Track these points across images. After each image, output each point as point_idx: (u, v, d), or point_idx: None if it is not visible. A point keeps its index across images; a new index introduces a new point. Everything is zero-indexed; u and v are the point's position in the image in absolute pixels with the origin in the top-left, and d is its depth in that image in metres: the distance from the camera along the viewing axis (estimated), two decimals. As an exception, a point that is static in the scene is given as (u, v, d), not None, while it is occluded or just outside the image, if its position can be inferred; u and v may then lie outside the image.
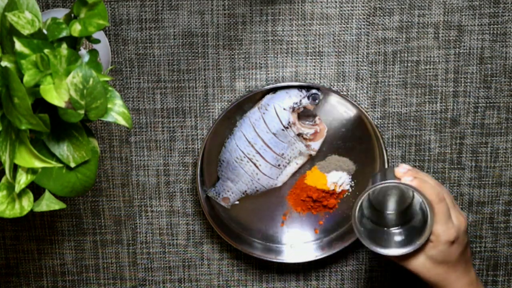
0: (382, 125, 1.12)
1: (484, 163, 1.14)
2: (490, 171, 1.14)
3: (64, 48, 0.76)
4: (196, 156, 1.13)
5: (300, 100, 1.07)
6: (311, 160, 1.12)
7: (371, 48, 1.09)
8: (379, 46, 1.09)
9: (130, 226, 1.16)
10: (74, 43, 0.79)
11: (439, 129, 1.12)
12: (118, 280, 1.19)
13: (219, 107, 1.11)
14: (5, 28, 0.76)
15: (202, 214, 1.15)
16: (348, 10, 1.08)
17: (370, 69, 1.10)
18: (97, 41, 0.83)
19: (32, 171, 0.80)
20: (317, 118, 1.10)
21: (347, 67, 1.10)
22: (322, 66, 1.10)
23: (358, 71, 1.10)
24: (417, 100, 1.11)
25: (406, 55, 1.10)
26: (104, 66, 1.05)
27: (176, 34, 1.09)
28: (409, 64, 1.10)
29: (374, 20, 1.08)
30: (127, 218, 1.16)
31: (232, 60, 1.10)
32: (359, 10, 1.08)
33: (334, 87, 1.11)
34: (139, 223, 1.16)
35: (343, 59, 1.10)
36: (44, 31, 0.77)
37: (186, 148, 1.13)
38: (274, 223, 1.15)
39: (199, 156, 1.08)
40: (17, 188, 0.79)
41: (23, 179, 0.79)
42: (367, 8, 1.08)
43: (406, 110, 1.12)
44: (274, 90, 1.08)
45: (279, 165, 1.11)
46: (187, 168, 1.14)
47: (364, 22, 1.08)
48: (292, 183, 1.13)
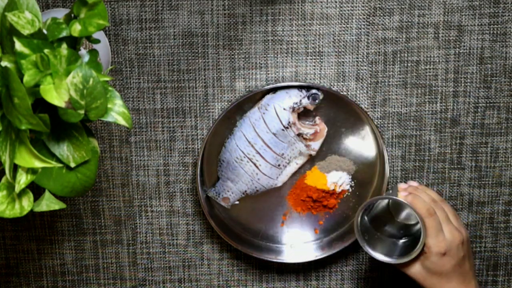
0: (382, 125, 1.12)
1: (484, 163, 1.14)
2: (490, 171, 1.14)
3: (64, 48, 0.76)
4: (196, 156, 1.13)
5: (300, 100, 1.07)
6: (311, 160, 1.12)
7: (371, 48, 1.09)
8: (379, 46, 1.09)
9: (130, 226, 1.16)
10: (74, 43, 0.79)
11: (439, 129, 1.12)
12: (118, 280, 1.19)
13: (219, 107, 1.11)
14: (5, 28, 0.76)
15: (202, 214, 1.15)
16: (348, 10, 1.08)
17: (370, 69, 1.10)
18: (97, 41, 0.83)
19: (32, 171, 0.80)
20: (317, 118, 1.10)
21: (347, 67, 1.10)
22: (322, 66, 1.10)
23: (358, 71, 1.10)
24: (417, 100, 1.11)
25: (406, 55, 1.10)
26: (104, 66, 1.05)
27: (176, 34, 1.09)
28: (409, 64, 1.10)
29: (374, 20, 1.08)
30: (127, 218, 1.16)
31: (232, 60, 1.10)
32: (359, 10, 1.08)
33: (334, 87, 1.11)
34: (139, 223, 1.16)
35: (343, 59, 1.10)
36: (44, 31, 0.77)
37: (186, 148, 1.13)
38: (274, 223, 1.15)
39: (199, 156, 1.08)
40: (17, 188, 0.79)
41: (23, 179, 0.79)
42: (367, 8, 1.08)
43: (406, 110, 1.12)
44: (274, 90, 1.08)
45: (279, 165, 1.11)
46: (187, 168, 1.14)
47: (364, 22, 1.08)
48: (292, 183, 1.13)
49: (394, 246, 1.07)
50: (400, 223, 1.10)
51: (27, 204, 0.81)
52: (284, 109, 1.07)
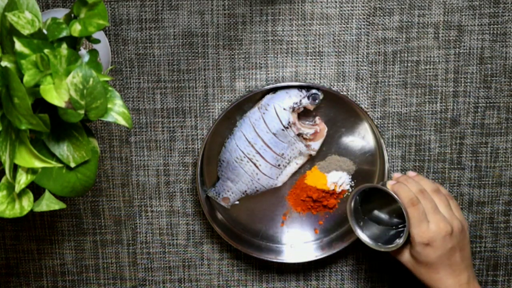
0: (382, 125, 1.12)
1: (484, 163, 1.14)
2: (490, 171, 1.14)
3: (64, 48, 0.76)
4: (196, 156, 1.13)
5: (300, 100, 1.07)
6: (311, 160, 1.12)
7: (371, 48, 1.09)
8: (379, 46, 1.09)
9: (130, 226, 1.16)
10: (74, 43, 0.79)
11: (439, 129, 1.12)
12: (118, 280, 1.19)
13: (219, 107, 1.11)
14: (5, 28, 0.76)
15: (202, 214, 1.15)
16: (348, 10, 1.08)
17: (370, 69, 1.10)
18: (97, 41, 0.83)
19: (32, 171, 0.80)
20: (317, 118, 1.10)
21: (347, 67, 1.10)
22: (322, 66, 1.10)
23: (358, 71, 1.10)
24: (417, 100, 1.11)
25: (406, 55, 1.10)
26: (104, 66, 1.05)
27: (176, 34, 1.09)
28: (409, 64, 1.10)
29: (374, 20, 1.08)
30: (127, 218, 1.16)
31: (232, 60, 1.10)
32: (359, 10, 1.08)
33: (334, 87, 1.11)
34: (139, 223, 1.16)
35: (343, 59, 1.10)
36: (44, 31, 0.78)
37: (186, 148, 1.13)
38: (274, 223, 1.15)
39: (199, 156, 1.08)
40: (17, 188, 0.79)
41: (23, 179, 0.79)
42: (367, 8, 1.08)
43: (406, 110, 1.12)
44: (274, 90, 1.08)
45: (279, 165, 1.11)
46: (187, 168, 1.14)
47: (364, 22, 1.08)
48: (292, 183, 1.13)
49: (387, 234, 1.06)
50: (395, 212, 1.09)
51: (27, 204, 0.81)
52: (284, 109, 1.07)
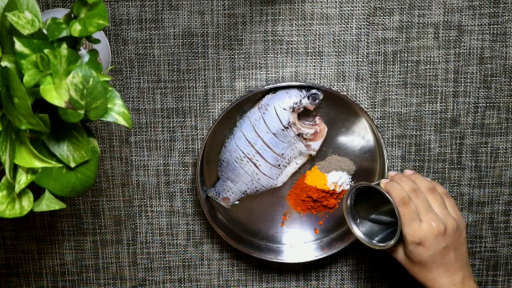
0: (382, 125, 1.12)
1: (484, 163, 1.14)
2: (490, 171, 1.14)
3: (64, 48, 0.76)
4: (196, 156, 1.13)
5: (300, 100, 1.07)
6: (311, 160, 1.12)
7: (371, 48, 1.09)
8: (379, 46, 1.09)
9: (130, 226, 1.16)
10: (74, 43, 0.79)
11: (439, 129, 1.12)
12: (118, 280, 1.19)
13: (219, 107, 1.11)
14: (5, 28, 0.76)
15: (202, 214, 1.15)
16: (348, 10, 1.08)
17: (370, 69, 1.10)
18: (97, 41, 0.83)
19: (32, 171, 0.80)
20: (317, 118, 1.10)
21: (347, 67, 1.10)
22: (322, 66, 1.10)
23: (358, 71, 1.10)
24: (417, 100, 1.11)
25: (406, 55, 1.10)
26: (104, 66, 1.05)
27: (176, 34, 1.09)
28: (409, 64, 1.10)
29: (374, 20, 1.08)
30: (127, 218, 1.16)
31: (232, 60, 1.10)
32: (359, 10, 1.08)
33: (334, 87, 1.11)
34: (139, 223, 1.16)
35: (343, 59, 1.10)
36: (44, 31, 0.78)
37: (186, 148, 1.13)
38: (274, 223, 1.15)
39: (199, 156, 1.08)
40: (17, 188, 0.79)
41: (23, 179, 0.79)
42: (367, 8, 1.08)
43: (406, 110, 1.12)
44: (274, 90, 1.08)
45: (279, 165, 1.11)
46: (187, 168, 1.14)
47: (364, 22, 1.08)
48: (292, 183, 1.13)
49: (384, 233, 1.06)
50: (391, 211, 1.08)
51: (27, 204, 0.81)
52: (284, 109, 1.07)
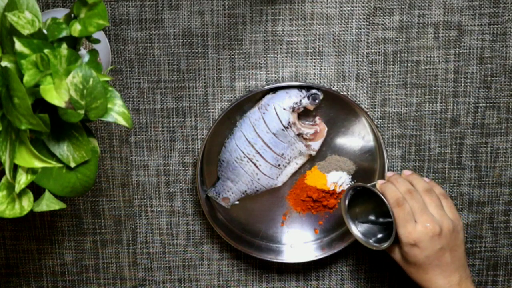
0: (382, 125, 1.12)
1: (484, 163, 1.14)
2: (490, 171, 1.14)
3: (64, 48, 0.76)
4: (196, 156, 1.13)
5: (300, 100, 1.07)
6: (311, 160, 1.12)
7: (371, 48, 1.09)
8: (379, 46, 1.09)
9: (130, 226, 1.16)
10: (74, 43, 0.79)
11: (439, 129, 1.12)
12: (118, 280, 1.19)
13: (219, 107, 1.11)
14: (5, 28, 0.76)
15: (202, 214, 1.15)
16: (348, 10, 1.08)
17: (370, 69, 1.10)
18: (97, 41, 0.83)
19: (32, 171, 0.80)
20: (317, 118, 1.10)
21: (347, 67, 1.10)
22: (322, 66, 1.10)
23: (358, 71, 1.10)
24: (417, 100, 1.11)
25: (406, 55, 1.10)
26: (104, 66, 1.05)
27: (176, 34, 1.09)
28: (409, 64, 1.10)
29: (374, 20, 1.08)
30: (127, 218, 1.16)
31: (232, 60, 1.10)
32: (359, 10, 1.08)
33: (334, 87, 1.11)
34: (139, 223, 1.16)
35: (343, 59, 1.10)
36: (44, 31, 0.78)
37: (186, 148, 1.13)
38: (274, 223, 1.15)
39: (199, 156, 1.08)
40: (17, 188, 0.79)
41: (23, 179, 0.79)
42: (367, 8, 1.08)
43: (406, 110, 1.12)
44: (274, 90, 1.08)
45: (279, 165, 1.11)
46: (187, 168, 1.14)
47: (364, 22, 1.08)
48: (292, 183, 1.13)
49: (382, 233, 1.06)
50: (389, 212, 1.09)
51: (27, 204, 0.81)
52: (284, 109, 1.07)
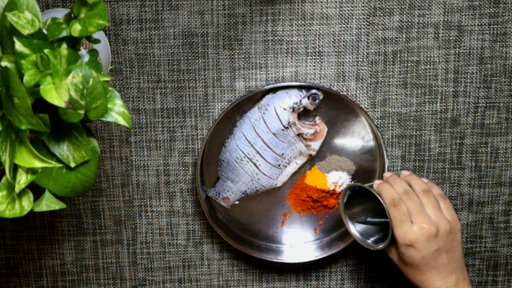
0: (382, 125, 1.12)
1: (484, 163, 1.14)
2: (490, 171, 1.14)
3: (64, 48, 0.76)
4: (196, 156, 1.13)
5: (300, 100, 1.07)
6: (311, 160, 1.12)
7: (371, 48, 1.09)
8: (379, 46, 1.09)
9: (130, 226, 1.16)
10: (74, 43, 0.79)
11: (439, 129, 1.12)
12: (118, 280, 1.19)
13: (219, 107, 1.11)
14: (5, 28, 0.76)
15: (202, 214, 1.15)
16: (348, 10, 1.08)
17: (370, 69, 1.10)
18: (97, 41, 0.83)
19: (32, 171, 0.80)
20: (317, 118, 1.10)
21: (347, 67, 1.10)
22: (322, 66, 1.10)
23: (358, 71, 1.10)
24: (417, 100, 1.11)
25: (406, 55, 1.10)
26: (104, 66, 1.05)
27: (176, 34, 1.09)
28: (409, 64, 1.10)
29: (374, 20, 1.08)
30: (127, 218, 1.16)
31: (232, 60, 1.10)
32: (359, 10, 1.08)
33: (334, 87, 1.11)
34: (139, 223, 1.16)
35: (343, 59, 1.10)
36: (44, 31, 0.78)
37: (186, 148, 1.13)
38: (274, 223, 1.15)
39: (199, 156, 1.08)
40: (17, 188, 0.79)
41: (23, 179, 0.79)
42: (367, 8, 1.08)
43: (406, 110, 1.12)
44: (274, 90, 1.08)
45: (279, 165, 1.11)
46: (187, 168, 1.14)
47: (364, 22, 1.08)
48: (292, 183, 1.13)
49: (381, 234, 1.06)
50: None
51: (27, 204, 0.81)
52: (284, 109, 1.07)
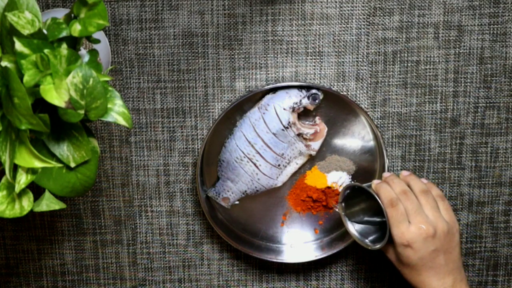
0: (382, 125, 1.12)
1: (484, 163, 1.14)
2: (490, 171, 1.14)
3: (64, 48, 0.76)
4: (196, 156, 1.13)
5: (300, 100, 1.07)
6: (311, 160, 1.12)
7: (371, 48, 1.09)
8: (379, 46, 1.09)
9: (130, 226, 1.16)
10: (74, 43, 0.79)
11: (439, 129, 1.12)
12: (118, 280, 1.19)
13: (219, 107, 1.11)
14: (5, 28, 0.76)
15: (202, 214, 1.15)
16: (348, 10, 1.08)
17: (370, 69, 1.10)
18: (97, 41, 0.83)
19: (32, 171, 0.80)
20: (317, 118, 1.10)
21: (347, 67, 1.10)
22: (322, 66, 1.10)
23: (358, 71, 1.10)
24: (417, 100, 1.11)
25: (406, 55, 1.10)
26: (104, 66, 1.05)
27: (176, 34, 1.09)
28: (409, 64, 1.10)
29: (374, 20, 1.08)
30: (127, 218, 1.16)
31: (232, 60, 1.10)
32: (359, 10, 1.08)
33: (334, 87, 1.11)
34: (139, 223, 1.16)
35: (343, 59, 1.10)
36: (44, 31, 0.78)
37: (186, 148, 1.13)
38: (274, 223, 1.15)
39: (199, 156, 1.08)
40: (17, 188, 0.79)
41: (23, 179, 0.79)
42: (367, 8, 1.08)
43: (406, 110, 1.12)
44: (274, 90, 1.08)
45: (279, 165, 1.11)
46: (187, 168, 1.14)
47: (364, 22, 1.08)
48: (292, 183, 1.13)
49: (378, 233, 1.06)
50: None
51: (27, 204, 0.81)
52: (284, 109, 1.07)
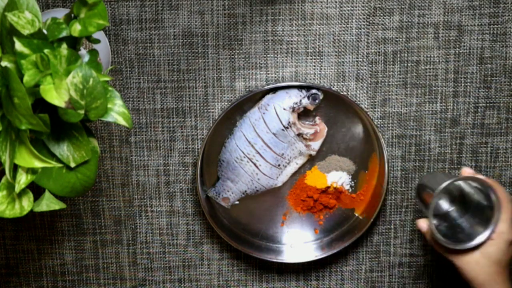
0: (382, 125, 1.12)
1: (484, 163, 1.14)
2: (490, 171, 1.14)
3: (64, 48, 0.76)
4: (196, 156, 1.13)
5: (300, 100, 1.07)
6: (311, 160, 1.12)
7: (371, 48, 1.09)
8: (379, 46, 1.09)
9: (130, 226, 1.16)
10: (74, 43, 0.79)
11: (439, 129, 1.12)
12: (118, 280, 1.19)
13: (219, 107, 1.11)
14: (5, 28, 0.76)
15: (202, 214, 1.15)
16: (348, 10, 1.08)
17: (370, 69, 1.10)
18: (97, 41, 0.83)
19: (32, 171, 0.80)
20: (317, 118, 1.10)
21: (347, 67, 1.10)
22: (322, 66, 1.10)
23: (358, 71, 1.10)
24: (417, 100, 1.11)
25: (406, 55, 1.10)
26: (104, 66, 1.05)
27: (176, 34, 1.09)
28: (409, 64, 1.10)
29: (374, 20, 1.08)
30: (127, 218, 1.16)
31: (232, 60, 1.10)
32: (359, 10, 1.08)
33: (334, 87, 1.11)
34: (139, 223, 1.16)
35: (343, 59, 1.10)
36: (44, 31, 0.78)
37: (186, 148, 1.13)
38: (274, 223, 1.15)
39: (199, 156, 1.08)
40: (17, 188, 0.79)
41: (23, 179, 0.79)
42: (367, 8, 1.08)
43: (406, 110, 1.12)
44: (274, 90, 1.08)
45: (279, 165, 1.11)
46: (187, 168, 1.14)
47: (364, 22, 1.08)
48: (292, 183, 1.13)
49: (455, 231, 1.02)
50: (450, 210, 1.05)
51: (27, 204, 0.81)
52: (284, 109, 1.07)
